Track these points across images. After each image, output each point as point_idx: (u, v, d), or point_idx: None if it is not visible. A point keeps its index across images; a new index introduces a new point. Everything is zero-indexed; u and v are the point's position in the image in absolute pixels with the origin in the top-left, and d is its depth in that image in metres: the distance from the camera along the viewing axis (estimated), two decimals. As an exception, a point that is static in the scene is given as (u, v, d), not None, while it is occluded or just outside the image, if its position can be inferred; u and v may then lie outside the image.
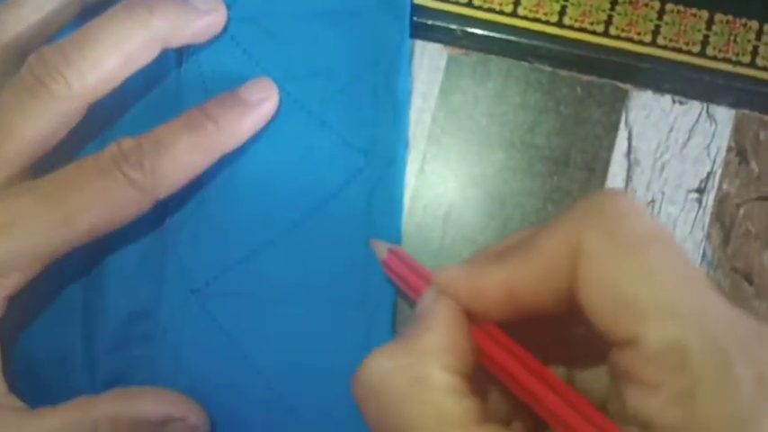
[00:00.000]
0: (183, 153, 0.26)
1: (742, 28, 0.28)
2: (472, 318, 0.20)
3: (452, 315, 0.20)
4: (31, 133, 0.26)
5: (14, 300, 0.26)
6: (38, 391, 0.27)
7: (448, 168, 0.29)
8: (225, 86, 0.28)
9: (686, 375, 0.17)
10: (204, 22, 0.28)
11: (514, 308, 0.20)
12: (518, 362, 0.20)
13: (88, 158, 0.25)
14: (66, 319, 0.29)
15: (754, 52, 0.27)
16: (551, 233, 0.19)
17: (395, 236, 0.28)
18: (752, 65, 0.27)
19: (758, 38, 0.28)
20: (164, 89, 0.29)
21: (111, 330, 0.28)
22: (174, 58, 0.29)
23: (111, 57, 0.26)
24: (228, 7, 0.29)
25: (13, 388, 0.26)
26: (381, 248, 0.26)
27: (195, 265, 0.28)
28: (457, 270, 0.21)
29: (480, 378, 0.20)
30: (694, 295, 0.18)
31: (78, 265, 0.29)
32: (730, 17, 0.28)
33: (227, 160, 0.28)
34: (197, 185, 0.28)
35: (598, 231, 0.18)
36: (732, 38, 0.28)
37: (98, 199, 0.25)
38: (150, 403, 0.26)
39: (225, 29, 0.29)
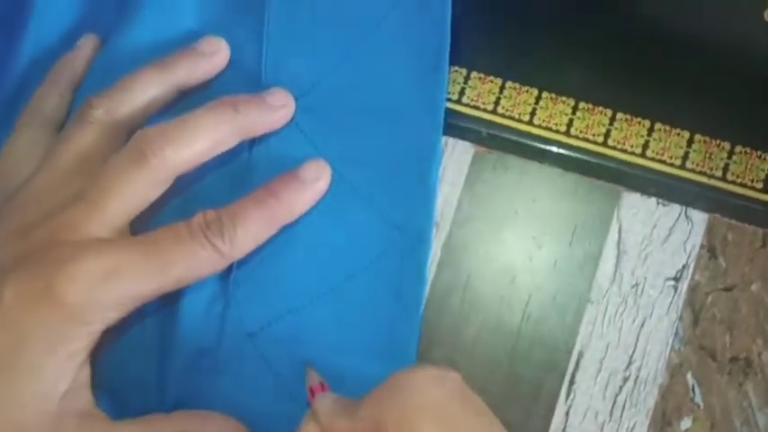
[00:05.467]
0: (253, 225, 0.31)
1: (716, 148, 0.33)
2: None
3: None
4: (131, 196, 0.31)
5: (106, 331, 0.31)
6: (115, 408, 0.32)
7: (469, 245, 0.34)
8: (288, 166, 0.33)
9: None
10: (277, 117, 0.34)
11: None
12: None
13: (181, 225, 0.30)
14: (143, 350, 0.33)
15: (726, 168, 0.32)
16: (368, 405, 0.25)
17: (419, 301, 0.33)
18: (723, 179, 0.32)
19: (729, 157, 0.33)
20: (237, 165, 0.35)
21: (180, 362, 0.33)
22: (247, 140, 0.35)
23: (202, 141, 0.31)
24: (296, 99, 0.35)
25: (97, 403, 0.30)
26: (313, 379, 0.31)
27: (252, 313, 0.33)
28: (328, 405, 0.27)
29: None
30: None
31: (156, 306, 0.34)
32: (707, 138, 0.33)
33: (284, 228, 0.33)
34: (259, 247, 0.32)
35: (391, 410, 0.24)
36: (708, 155, 0.33)
37: (187, 257, 0.30)
38: (215, 426, 0.30)
39: (292, 118, 0.35)
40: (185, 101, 0.35)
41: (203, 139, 0.32)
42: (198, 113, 0.32)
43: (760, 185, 0.32)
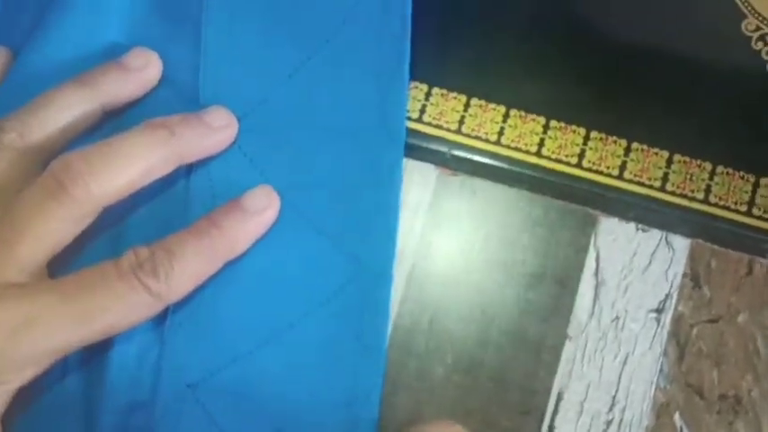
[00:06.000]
0: (192, 261, 0.28)
1: (697, 168, 0.31)
2: None
3: None
4: (50, 234, 0.27)
5: (21, 390, 0.27)
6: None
7: (434, 277, 0.31)
8: (231, 194, 0.30)
9: None
10: (217, 139, 0.30)
11: None
12: None
13: (108, 264, 0.27)
14: (65, 409, 0.29)
15: (708, 190, 0.31)
16: None
17: (381, 340, 0.30)
18: (705, 201, 0.31)
19: (711, 178, 0.31)
20: (173, 193, 0.31)
21: (109, 420, 0.29)
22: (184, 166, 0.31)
23: (133, 168, 0.28)
24: (238, 120, 0.31)
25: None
26: None
27: (192, 361, 0.30)
28: None
29: None
30: None
31: (79, 358, 0.30)
32: (687, 158, 0.31)
33: (228, 264, 0.29)
34: (199, 287, 0.29)
35: None
36: (689, 176, 0.31)
37: (116, 302, 0.26)
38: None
39: (234, 140, 0.31)
40: (111, 123, 0.32)
41: (133, 165, 0.28)
42: (126, 136, 0.28)
43: (744, 208, 0.30)
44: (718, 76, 0.31)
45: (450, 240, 0.32)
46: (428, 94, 0.32)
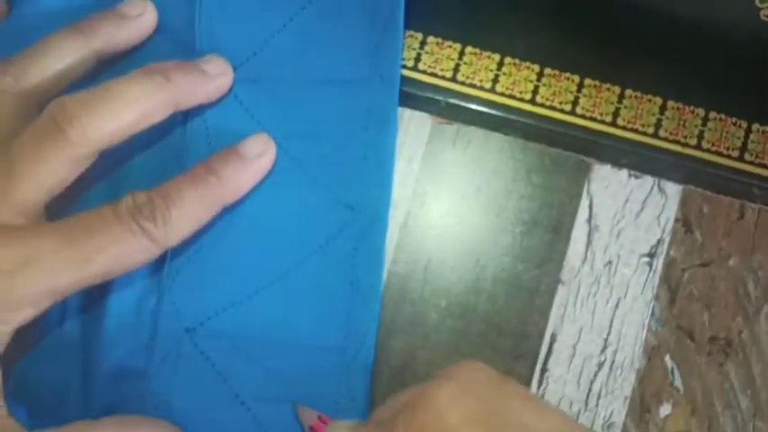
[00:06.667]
0: (190, 206, 0.28)
1: (690, 114, 0.31)
2: None
3: None
4: (48, 176, 0.27)
5: (20, 330, 0.27)
6: (33, 419, 0.28)
7: (429, 225, 0.32)
8: (227, 142, 0.30)
9: None
10: (213, 86, 0.30)
11: None
12: None
13: (106, 208, 0.27)
14: (65, 351, 0.30)
15: (700, 136, 0.31)
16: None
17: (376, 286, 0.31)
18: (698, 147, 0.31)
19: (704, 124, 0.31)
20: (170, 141, 0.31)
21: (108, 364, 0.29)
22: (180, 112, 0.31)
23: (128, 112, 0.28)
24: (234, 69, 0.31)
25: (11, 412, 0.27)
26: (309, 416, 0.29)
27: (190, 307, 0.30)
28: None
29: None
30: None
31: (79, 302, 0.30)
32: (681, 105, 0.31)
33: (225, 210, 0.30)
34: (196, 233, 0.29)
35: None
36: (682, 123, 0.31)
37: (115, 245, 0.27)
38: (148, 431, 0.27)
39: (230, 89, 0.31)
40: (108, 71, 0.32)
41: (129, 109, 0.28)
42: (123, 80, 0.29)
43: (736, 153, 0.31)
44: (710, 22, 0.32)
45: (444, 189, 0.32)
46: (423, 43, 0.32)
